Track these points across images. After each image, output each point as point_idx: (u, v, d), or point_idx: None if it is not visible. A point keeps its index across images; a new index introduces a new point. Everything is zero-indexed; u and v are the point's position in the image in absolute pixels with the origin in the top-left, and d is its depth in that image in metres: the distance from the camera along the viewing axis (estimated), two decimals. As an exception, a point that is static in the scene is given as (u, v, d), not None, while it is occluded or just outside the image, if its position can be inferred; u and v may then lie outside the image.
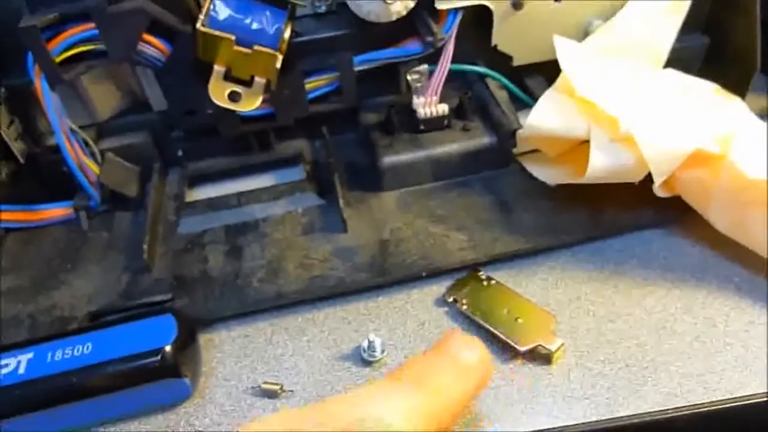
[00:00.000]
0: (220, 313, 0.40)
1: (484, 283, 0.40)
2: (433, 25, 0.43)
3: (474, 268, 0.41)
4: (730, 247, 0.39)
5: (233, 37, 0.38)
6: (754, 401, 0.33)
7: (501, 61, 0.48)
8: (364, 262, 0.41)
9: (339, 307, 0.40)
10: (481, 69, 0.48)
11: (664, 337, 0.36)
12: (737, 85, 0.43)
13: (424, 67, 0.45)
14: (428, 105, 0.46)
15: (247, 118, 0.46)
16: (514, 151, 0.46)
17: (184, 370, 0.35)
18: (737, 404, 0.33)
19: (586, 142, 0.40)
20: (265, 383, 0.36)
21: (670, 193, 0.40)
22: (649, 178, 0.39)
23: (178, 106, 0.45)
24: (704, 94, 0.42)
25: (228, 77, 0.40)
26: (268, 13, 0.39)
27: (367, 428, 0.26)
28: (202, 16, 0.38)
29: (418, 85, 0.45)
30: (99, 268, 0.43)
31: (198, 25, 0.38)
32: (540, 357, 0.36)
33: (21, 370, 0.34)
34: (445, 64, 0.44)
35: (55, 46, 0.39)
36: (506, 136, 0.45)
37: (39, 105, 0.41)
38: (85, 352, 0.34)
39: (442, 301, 0.40)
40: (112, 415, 0.35)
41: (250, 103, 0.40)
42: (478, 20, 0.45)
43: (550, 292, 0.39)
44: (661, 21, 0.44)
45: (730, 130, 0.38)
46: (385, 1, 0.40)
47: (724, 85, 0.42)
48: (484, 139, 0.46)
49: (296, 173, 0.49)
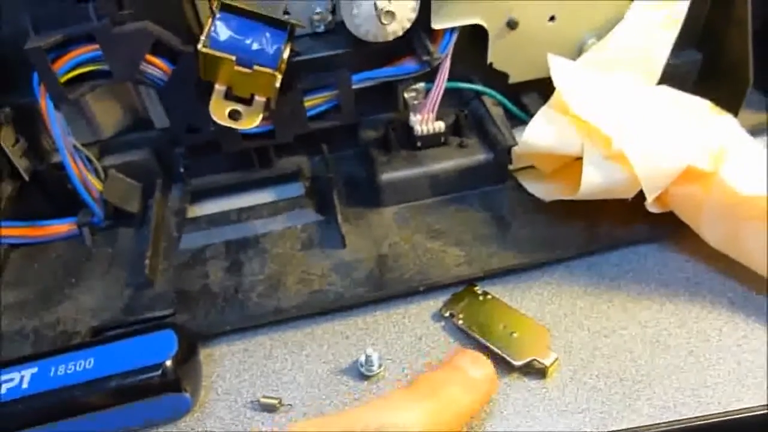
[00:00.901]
0: (220, 327, 0.40)
1: (481, 298, 0.40)
2: (430, 45, 0.43)
3: (470, 283, 0.41)
4: (723, 261, 0.40)
5: (234, 58, 0.38)
6: (747, 415, 0.34)
7: (496, 79, 0.48)
8: (362, 277, 0.42)
9: (337, 322, 0.41)
10: (477, 86, 0.49)
11: (658, 352, 0.37)
12: (731, 99, 0.44)
13: (421, 85, 0.46)
14: (425, 122, 0.46)
15: (247, 135, 0.46)
16: (510, 168, 0.47)
17: (184, 385, 0.35)
18: (730, 418, 0.34)
19: (581, 159, 0.40)
20: (265, 397, 0.36)
21: (663, 209, 0.41)
22: (642, 194, 0.39)
23: (180, 124, 0.45)
24: (696, 111, 0.42)
25: (229, 96, 0.40)
26: (268, 34, 0.40)
27: None
28: (203, 37, 0.39)
29: (415, 102, 0.46)
30: (102, 283, 0.44)
31: (199, 46, 0.38)
32: (535, 371, 0.36)
33: (24, 385, 0.34)
34: (442, 82, 0.45)
35: (60, 66, 0.40)
36: (502, 153, 0.46)
37: (43, 123, 0.42)
38: (88, 366, 0.35)
39: (438, 316, 0.40)
40: (114, 429, 0.35)
41: (251, 122, 0.41)
42: (474, 39, 0.46)
43: (546, 307, 0.40)
44: (655, 37, 0.45)
45: (721, 147, 0.38)
46: (382, 22, 0.41)
47: (717, 100, 0.42)
48: (481, 156, 0.46)
49: (296, 189, 0.50)
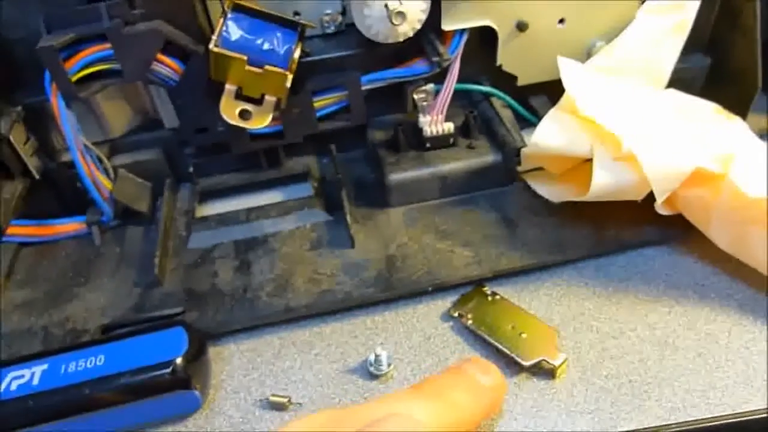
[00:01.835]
0: (229, 326, 0.40)
1: (489, 299, 0.40)
2: (439, 46, 0.44)
3: (479, 284, 0.41)
4: (732, 264, 0.40)
5: (245, 57, 0.39)
6: (755, 417, 0.34)
7: (506, 81, 0.49)
8: (371, 277, 0.42)
9: (346, 322, 0.41)
10: (486, 88, 0.49)
11: (666, 353, 0.37)
12: (739, 104, 0.44)
13: (431, 86, 0.46)
14: (434, 123, 0.47)
15: (257, 135, 0.47)
16: (519, 169, 0.47)
17: (194, 383, 0.35)
18: (739, 420, 0.34)
19: (590, 161, 0.40)
20: (274, 396, 0.36)
21: (672, 211, 0.41)
22: (651, 196, 0.39)
23: (190, 124, 0.46)
24: (705, 114, 0.42)
25: (239, 96, 0.41)
26: (279, 34, 0.40)
27: (397, 421, 0.27)
28: (214, 37, 0.39)
29: (425, 103, 0.46)
30: (111, 282, 0.44)
31: (211, 46, 0.38)
32: (544, 371, 0.36)
33: (35, 382, 0.34)
34: (451, 84, 0.45)
35: (71, 65, 0.40)
36: (511, 154, 0.46)
37: (54, 122, 0.42)
38: (98, 364, 0.35)
39: (447, 316, 0.40)
40: (123, 426, 0.36)
41: (261, 121, 0.41)
42: (483, 41, 0.46)
43: (554, 308, 0.40)
44: (664, 42, 0.45)
45: (730, 150, 0.39)
46: (393, 23, 0.41)
47: (725, 105, 0.42)
48: (489, 157, 0.46)
49: (305, 189, 0.50)
